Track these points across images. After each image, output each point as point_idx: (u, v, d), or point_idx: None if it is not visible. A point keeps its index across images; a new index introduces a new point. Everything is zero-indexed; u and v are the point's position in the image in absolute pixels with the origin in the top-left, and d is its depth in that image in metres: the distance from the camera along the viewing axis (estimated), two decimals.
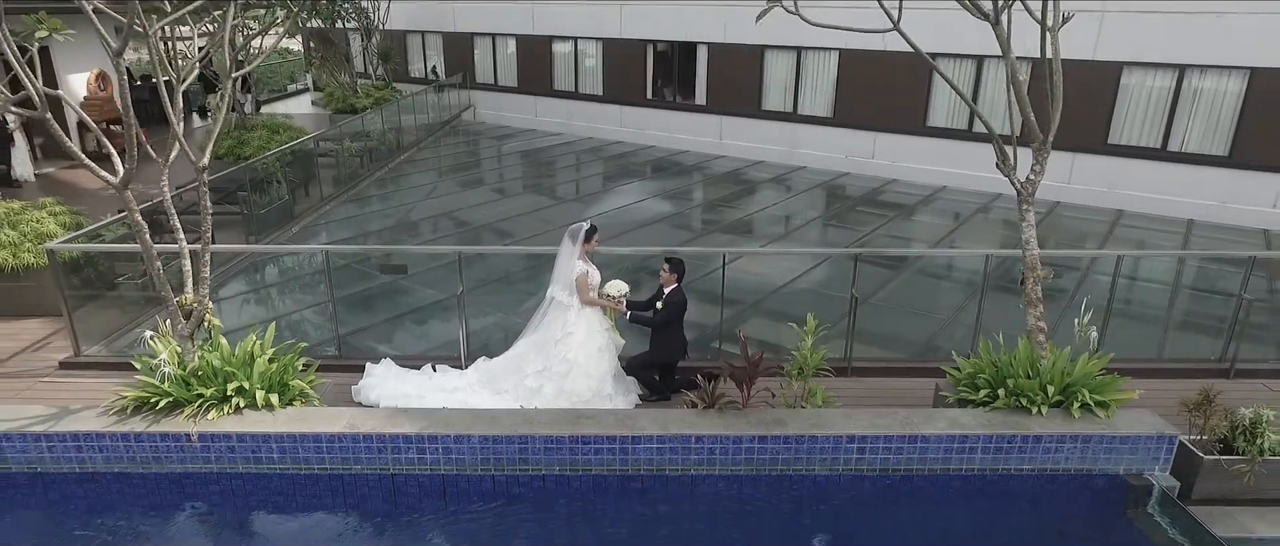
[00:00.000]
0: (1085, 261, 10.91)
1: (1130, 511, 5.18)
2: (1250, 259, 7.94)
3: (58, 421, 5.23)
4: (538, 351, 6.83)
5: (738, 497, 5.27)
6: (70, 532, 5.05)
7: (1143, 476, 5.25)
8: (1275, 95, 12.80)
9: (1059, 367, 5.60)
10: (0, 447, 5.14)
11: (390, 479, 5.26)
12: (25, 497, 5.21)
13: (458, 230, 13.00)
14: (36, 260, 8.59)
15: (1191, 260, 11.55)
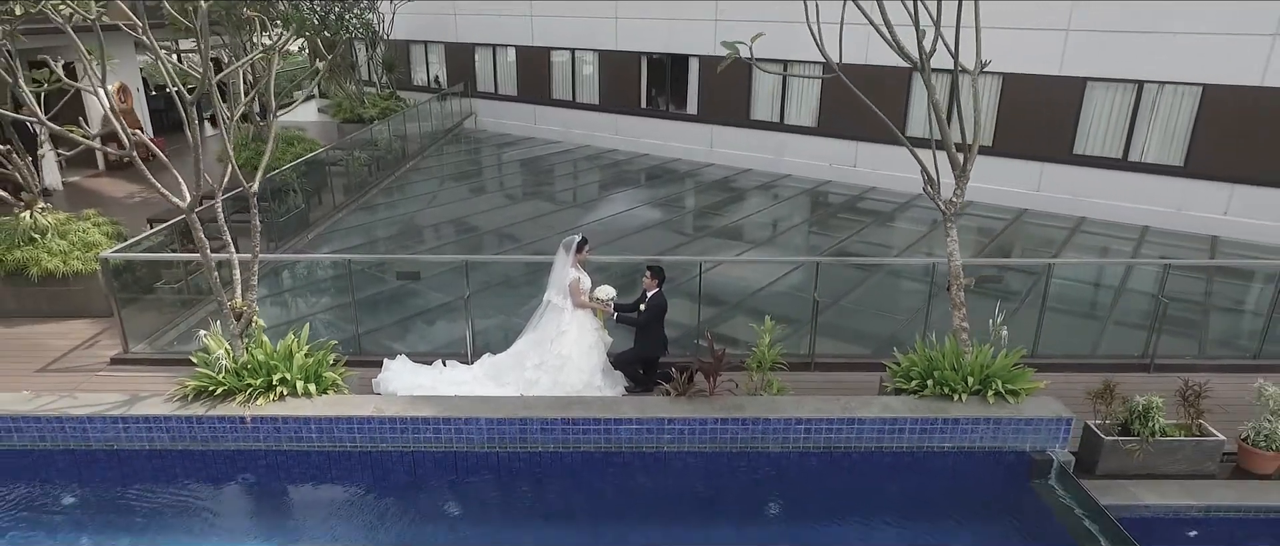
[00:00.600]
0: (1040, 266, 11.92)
1: (1033, 483, 6.19)
2: (1166, 266, 8.96)
3: (131, 406, 6.25)
4: (535, 348, 7.83)
5: (704, 471, 6.29)
6: (142, 500, 6.06)
7: (1045, 453, 6.27)
8: (1225, 109, 13.80)
9: (979, 361, 6.61)
10: (84, 428, 6.17)
11: (411, 455, 6.28)
12: (104, 470, 6.23)
13: (463, 236, 14.01)
14: (83, 267, 9.61)
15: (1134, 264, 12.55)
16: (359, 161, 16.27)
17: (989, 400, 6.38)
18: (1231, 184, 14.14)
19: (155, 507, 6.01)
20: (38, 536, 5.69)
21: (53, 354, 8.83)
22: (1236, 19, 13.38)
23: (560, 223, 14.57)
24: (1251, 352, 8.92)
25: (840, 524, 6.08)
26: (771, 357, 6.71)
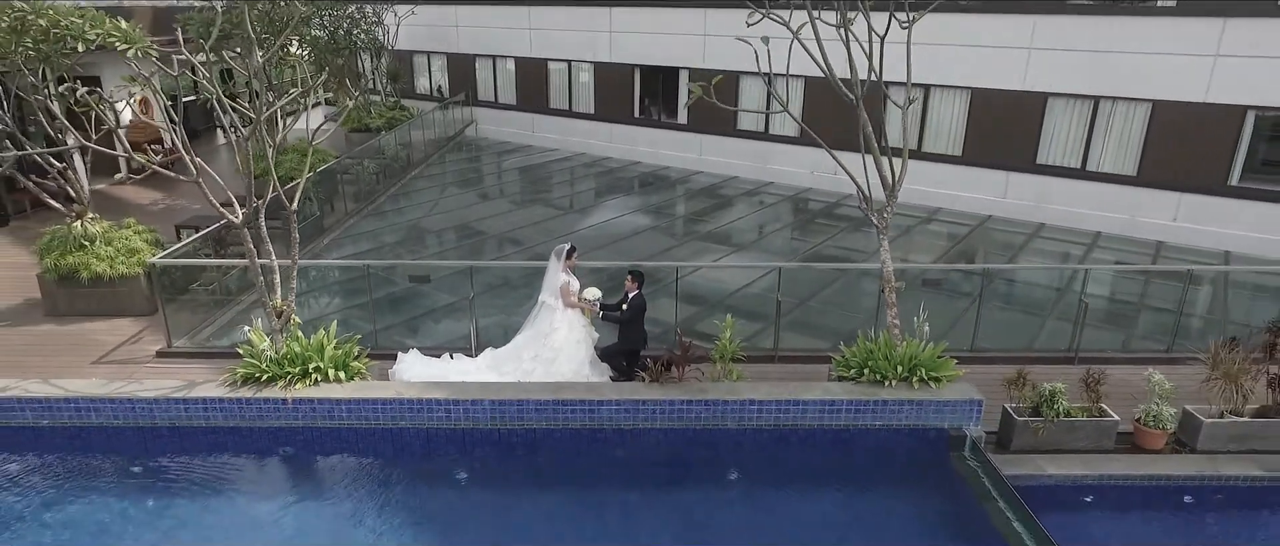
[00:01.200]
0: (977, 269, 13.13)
1: (951, 455, 7.40)
2: (1085, 271, 10.18)
3: (190, 390, 7.47)
4: (531, 343, 9.03)
5: (674, 444, 7.50)
6: (200, 468, 7.28)
7: (961, 430, 7.47)
8: (1174, 124, 15.00)
9: (909, 353, 7.83)
10: (152, 409, 7.38)
11: (426, 431, 7.49)
12: (166, 444, 7.44)
13: (467, 240, 15.23)
14: (127, 271, 10.83)
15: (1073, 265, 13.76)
16: (368, 170, 17.47)
17: (914, 385, 7.59)
18: (1179, 193, 15.33)
19: (211, 475, 7.22)
20: (115, 499, 6.90)
21: (104, 348, 10.04)
22: (1182, 41, 14.59)
23: (558, 227, 15.81)
24: (1165, 346, 10.13)
25: (786, 488, 7.29)
26: (732, 350, 7.92)
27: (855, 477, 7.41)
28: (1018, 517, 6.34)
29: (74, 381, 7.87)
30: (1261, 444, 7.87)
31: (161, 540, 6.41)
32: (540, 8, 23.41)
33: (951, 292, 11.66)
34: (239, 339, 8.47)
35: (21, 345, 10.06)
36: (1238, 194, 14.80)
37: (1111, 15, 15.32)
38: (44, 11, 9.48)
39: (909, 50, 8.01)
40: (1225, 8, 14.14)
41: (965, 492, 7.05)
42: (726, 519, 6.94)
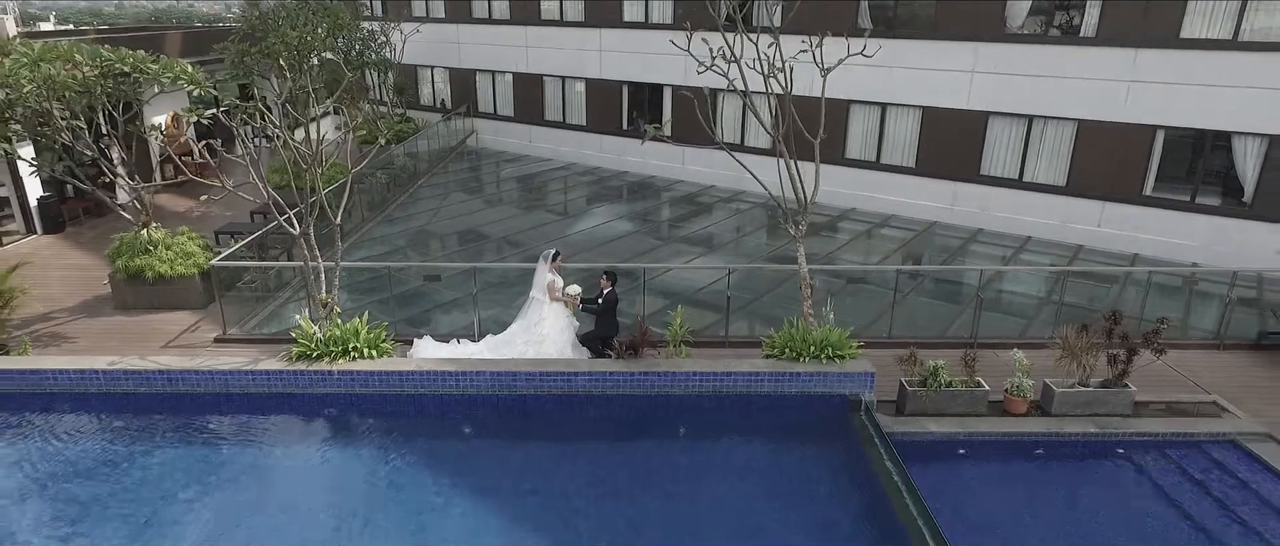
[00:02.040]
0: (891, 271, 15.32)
1: (849, 415, 9.59)
2: (980, 272, 12.37)
3: (256, 364, 9.68)
4: (523, 331, 11.21)
5: (634, 406, 9.70)
6: (268, 424, 9.49)
7: (858, 396, 9.66)
8: (1096, 140, 17.18)
9: (821, 336, 10.02)
10: (227, 378, 9.59)
11: (439, 397, 9.69)
12: (240, 405, 9.65)
13: (471, 243, 17.44)
14: (185, 271, 13.04)
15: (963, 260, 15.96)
16: (380, 180, 19.67)
17: (823, 361, 9.78)
18: (1102, 201, 17.53)
19: (275, 426, 9.44)
20: (202, 446, 9.10)
21: (168, 335, 12.25)
22: (1102, 68, 16.78)
23: (551, 232, 18.02)
24: (1049, 333, 12.31)
25: (721, 439, 9.49)
26: (682, 335, 10.12)
27: (776, 431, 9.60)
28: (889, 458, 8.52)
29: (164, 357, 10.09)
30: (1101, 408, 10.06)
31: (244, 472, 8.62)
32: (536, 27, 25.65)
33: (881, 288, 13.85)
34: (286, 325, 10.68)
35: (101, 332, 12.27)
36: (1150, 202, 17.00)
37: (1043, 44, 17.51)
38: (125, 58, 11.69)
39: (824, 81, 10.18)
40: (1137, 40, 16.33)
41: (857, 442, 9.24)
42: (674, 461, 9.14)
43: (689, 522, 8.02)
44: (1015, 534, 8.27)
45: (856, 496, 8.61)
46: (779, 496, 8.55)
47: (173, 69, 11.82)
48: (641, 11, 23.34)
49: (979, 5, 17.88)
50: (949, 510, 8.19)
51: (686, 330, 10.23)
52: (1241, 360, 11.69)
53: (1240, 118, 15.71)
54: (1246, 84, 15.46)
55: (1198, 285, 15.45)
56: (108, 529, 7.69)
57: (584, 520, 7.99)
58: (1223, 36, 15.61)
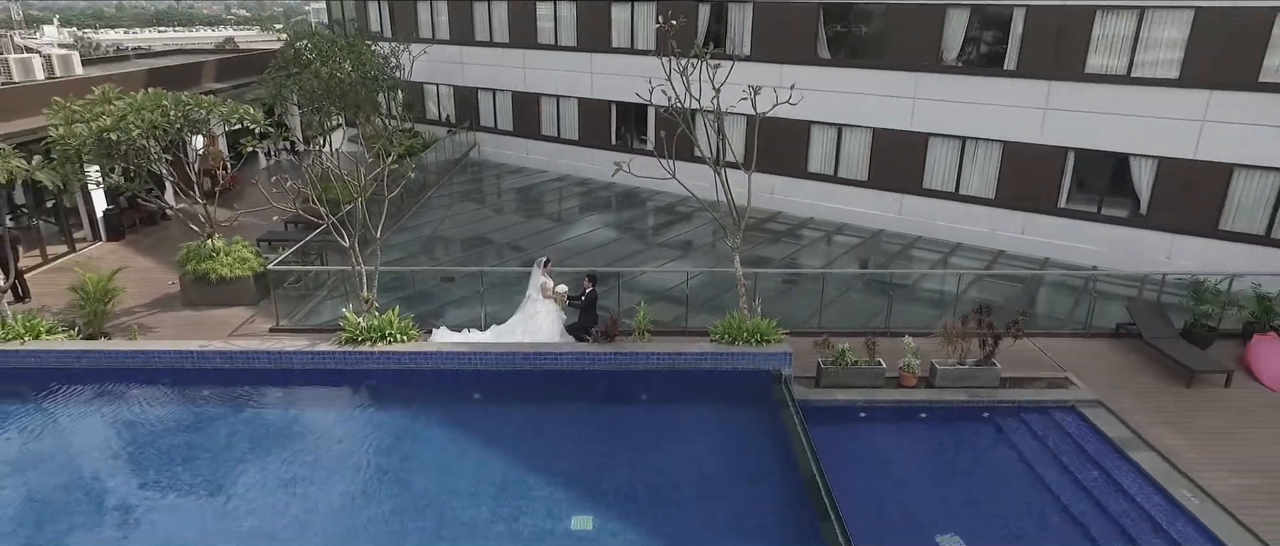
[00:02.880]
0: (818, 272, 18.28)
1: (772, 385, 12.57)
2: (891, 274, 15.35)
3: (315, 345, 12.67)
4: (521, 322, 14.18)
5: (607, 378, 12.69)
6: (323, 391, 12.49)
7: (779, 371, 12.64)
8: (1018, 159, 20.11)
9: (754, 324, 13.00)
10: (291, 358, 12.58)
11: (455, 372, 12.68)
12: (301, 378, 12.65)
13: (476, 248, 20.40)
14: (241, 273, 16.01)
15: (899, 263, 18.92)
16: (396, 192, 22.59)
17: (753, 344, 12.76)
18: (1024, 212, 20.48)
19: (329, 394, 12.43)
20: (275, 408, 12.09)
21: (230, 326, 15.22)
22: (1022, 96, 19.73)
23: (547, 237, 21.00)
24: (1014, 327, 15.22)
25: (673, 403, 12.47)
26: (645, 324, 13.11)
27: (716, 397, 12.57)
28: (796, 416, 11.47)
29: (237, 341, 13.09)
30: (973, 382, 13.02)
31: (306, 425, 11.61)
32: (533, 51, 28.66)
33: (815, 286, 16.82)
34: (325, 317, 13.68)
35: (177, 322, 15.27)
36: (1064, 214, 19.97)
37: (972, 75, 20.46)
38: (203, 104, 14.68)
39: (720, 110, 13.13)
40: (1050, 73, 19.29)
41: (775, 406, 12.21)
42: (635, 418, 12.14)
43: (646, 459, 10.99)
44: (891, 469, 11.24)
45: (770, 441, 11.57)
46: (715, 442, 11.54)
47: (237, 111, 14.80)
48: (628, 38, 26.32)
49: (920, 41, 20.84)
50: (843, 453, 11.17)
51: (651, 321, 13.22)
52: (1099, 346, 14.67)
53: (1135, 142, 18.68)
54: (1139, 113, 18.43)
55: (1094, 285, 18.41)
56: (209, 465, 10.67)
57: (566, 460, 10.96)
58: (1119, 73, 18.58)
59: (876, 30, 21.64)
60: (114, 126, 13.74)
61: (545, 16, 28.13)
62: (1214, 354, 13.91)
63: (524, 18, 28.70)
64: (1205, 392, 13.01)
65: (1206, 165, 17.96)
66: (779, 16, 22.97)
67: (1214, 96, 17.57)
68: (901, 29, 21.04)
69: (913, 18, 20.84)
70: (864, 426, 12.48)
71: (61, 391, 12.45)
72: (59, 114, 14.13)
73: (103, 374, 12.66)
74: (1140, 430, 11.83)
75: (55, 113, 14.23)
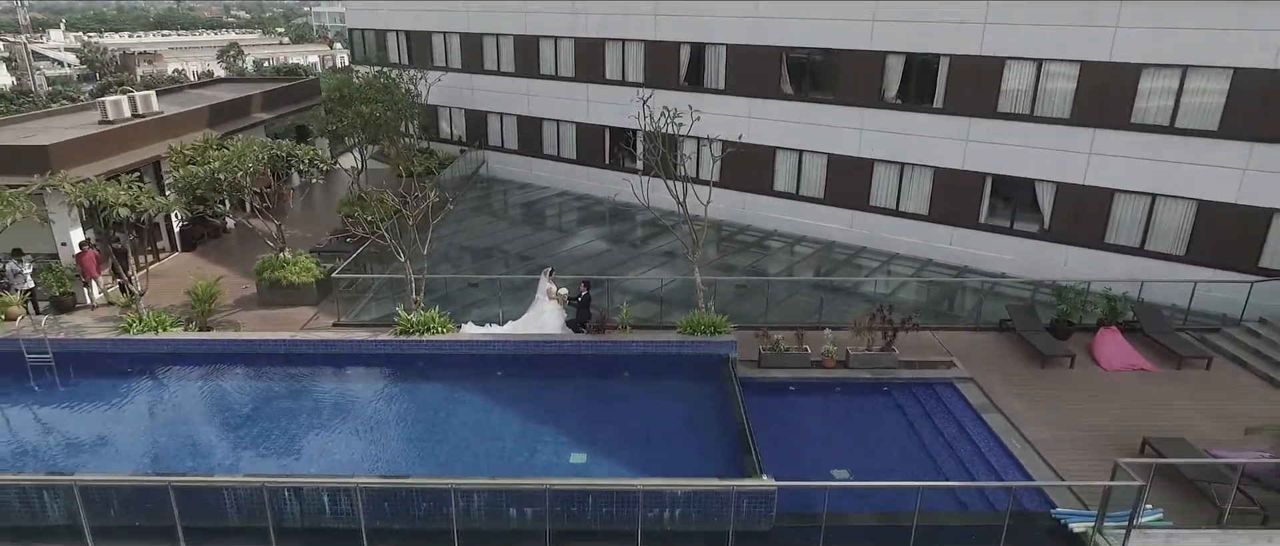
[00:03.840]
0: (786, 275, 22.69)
1: (721, 366, 16.97)
2: (827, 278, 19.76)
3: (377, 334, 17.08)
4: (532, 320, 18.58)
5: (597, 361, 17.11)
6: (383, 370, 16.89)
7: (727, 356, 17.05)
8: (947, 182, 24.50)
9: (709, 319, 17.40)
10: (363, 346, 16.99)
11: (482, 356, 17.10)
12: (369, 360, 17.04)
13: (492, 256, 24.77)
14: (305, 279, 20.39)
15: (846, 271, 23.31)
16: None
17: (708, 335, 17.16)
18: (952, 226, 24.88)
19: (390, 371, 16.84)
20: (347, 383, 16.48)
21: (299, 322, 19.60)
22: (948, 129, 24.10)
23: (551, 247, 25.39)
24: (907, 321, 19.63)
25: (649, 377, 16.89)
26: (627, 320, 17.52)
27: (679, 374, 16.96)
28: (737, 388, 15.82)
29: (318, 332, 17.50)
30: (877, 364, 17.40)
31: (371, 394, 16.01)
32: (537, 80, 33.07)
33: (773, 295, 21.19)
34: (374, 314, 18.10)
35: (257, 319, 19.65)
36: (984, 228, 24.35)
37: (909, 111, 24.83)
38: (283, 147, 19.06)
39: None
40: (970, 111, 23.65)
41: (723, 381, 16.60)
42: (618, 389, 16.55)
43: (625, 418, 15.39)
44: (808, 426, 15.63)
45: (716, 406, 15.94)
46: (676, 406, 15.95)
47: (310, 152, 19.19)
48: (619, 72, 30.72)
49: (865, 81, 25.22)
50: (774, 416, 15.54)
51: (632, 318, 17.61)
52: (983, 338, 19.07)
53: (1039, 169, 23.05)
54: (1041, 146, 22.80)
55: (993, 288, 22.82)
56: (308, 418, 15.05)
57: (564, 419, 15.34)
58: (1025, 112, 22.95)
59: (829, 71, 26.04)
60: (223, 168, 18.16)
61: (547, 50, 32.55)
62: (1068, 343, 18.30)
63: (528, 51, 33.12)
64: (1053, 372, 17.41)
65: (1094, 189, 22.35)
66: (748, 58, 27.38)
67: (1098, 134, 21.96)
68: (850, 71, 25.45)
69: (859, 61, 25.24)
70: (792, 397, 16.86)
71: (188, 369, 16.90)
72: (176, 157, 18.53)
73: (218, 357, 17.10)
74: (995, 399, 16.22)
75: (174, 155, 18.63)
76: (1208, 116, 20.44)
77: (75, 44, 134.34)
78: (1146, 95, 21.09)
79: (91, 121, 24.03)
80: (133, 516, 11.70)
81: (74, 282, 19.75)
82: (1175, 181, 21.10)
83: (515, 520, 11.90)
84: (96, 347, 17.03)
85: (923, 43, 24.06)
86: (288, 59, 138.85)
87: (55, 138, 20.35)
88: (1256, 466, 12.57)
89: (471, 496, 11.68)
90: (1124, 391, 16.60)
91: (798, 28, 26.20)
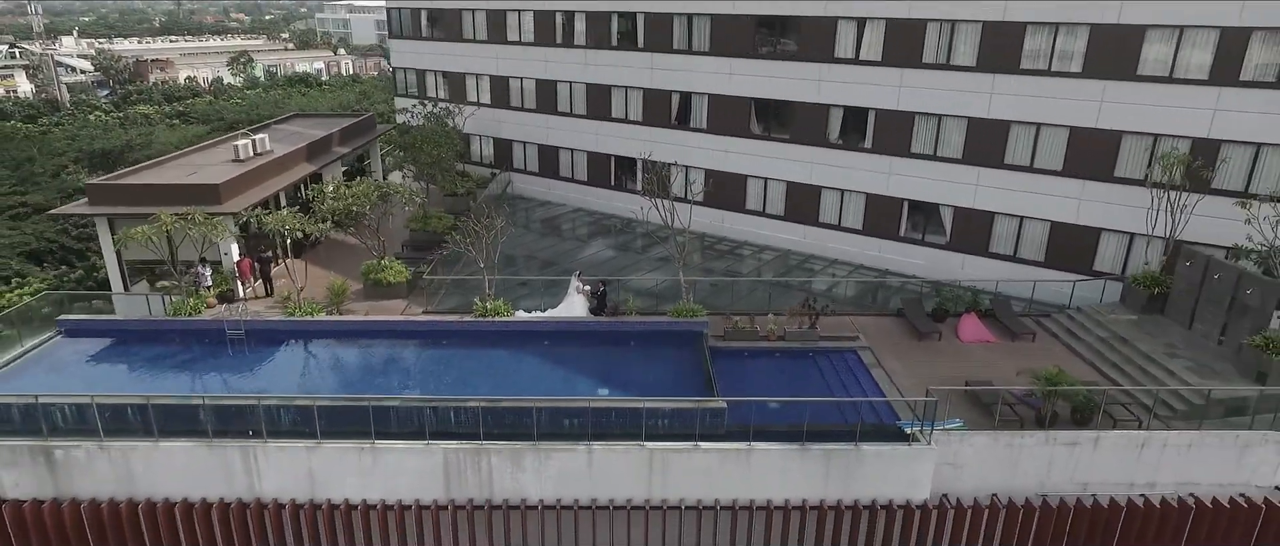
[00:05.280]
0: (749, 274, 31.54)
1: (696, 339, 25.71)
2: (782, 278, 28.59)
3: (462, 318, 25.82)
4: (566, 307, 27.34)
5: (613, 335, 25.85)
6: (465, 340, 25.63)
7: (700, 331, 25.80)
8: (875, 205, 33.31)
9: (689, 308, 26.19)
10: (448, 325, 25.70)
11: (535, 332, 25.84)
12: (457, 335, 25.76)
13: (526, 260, 33.47)
14: (399, 279, 29.10)
15: (799, 274, 32.10)
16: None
17: (688, 317, 25.92)
18: (880, 239, 33.70)
19: (468, 341, 25.56)
20: (441, 349, 25.17)
21: (398, 310, 28.29)
22: (875, 163, 32.89)
23: (572, 254, 34.13)
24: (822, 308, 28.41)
25: (648, 347, 25.63)
26: (633, 308, 26.29)
27: (669, 344, 25.69)
28: (708, 354, 24.49)
29: (414, 316, 26.22)
30: (805, 338, 26.16)
31: (456, 356, 24.72)
32: (554, 116, 41.85)
33: (738, 292, 29.91)
34: (450, 303, 26.84)
35: (367, 308, 28.34)
36: (902, 240, 33.18)
37: (844, 150, 33.61)
38: (396, 187, 27.70)
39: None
40: (891, 150, 32.44)
41: (697, 348, 25.32)
42: (625, 353, 25.31)
43: (631, 368, 24.13)
44: (755, 376, 24.35)
45: (693, 364, 24.61)
46: (666, 363, 24.69)
47: (404, 191, 27.85)
48: (623, 111, 39.47)
49: (814, 126, 33.99)
50: (734, 371, 24.24)
51: (637, 307, 26.37)
52: (884, 321, 27.87)
53: (942, 195, 31.86)
54: (943, 178, 31.60)
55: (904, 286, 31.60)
56: (418, 370, 23.73)
57: (592, 369, 24.05)
58: (929, 152, 31.75)
59: (786, 117, 34.79)
60: (354, 203, 26.85)
61: (563, 92, 41.33)
62: (941, 325, 27.06)
63: (547, 92, 41.89)
64: (926, 344, 26.19)
65: (980, 212, 31.16)
66: (724, 105, 36.16)
67: (982, 171, 30.76)
68: (802, 118, 34.22)
69: (809, 111, 34.02)
70: (744, 359, 25.59)
71: (333, 339, 25.57)
72: (320, 193, 27.22)
73: (353, 332, 25.79)
74: (882, 360, 24.95)
75: (318, 192, 27.30)
76: (1056, 160, 29.27)
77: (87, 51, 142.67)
78: (1014, 142, 29.93)
79: (224, 159, 32.66)
80: (337, 425, 20.19)
81: (232, 283, 28.39)
82: (1035, 206, 29.94)
83: (568, 426, 20.51)
84: (271, 325, 25.64)
85: (856, 99, 32.89)
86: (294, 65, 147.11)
87: (221, 177, 28.96)
88: (1015, 392, 21.36)
89: (542, 411, 20.28)
90: (970, 356, 25.38)
91: (762, 84, 35.00)
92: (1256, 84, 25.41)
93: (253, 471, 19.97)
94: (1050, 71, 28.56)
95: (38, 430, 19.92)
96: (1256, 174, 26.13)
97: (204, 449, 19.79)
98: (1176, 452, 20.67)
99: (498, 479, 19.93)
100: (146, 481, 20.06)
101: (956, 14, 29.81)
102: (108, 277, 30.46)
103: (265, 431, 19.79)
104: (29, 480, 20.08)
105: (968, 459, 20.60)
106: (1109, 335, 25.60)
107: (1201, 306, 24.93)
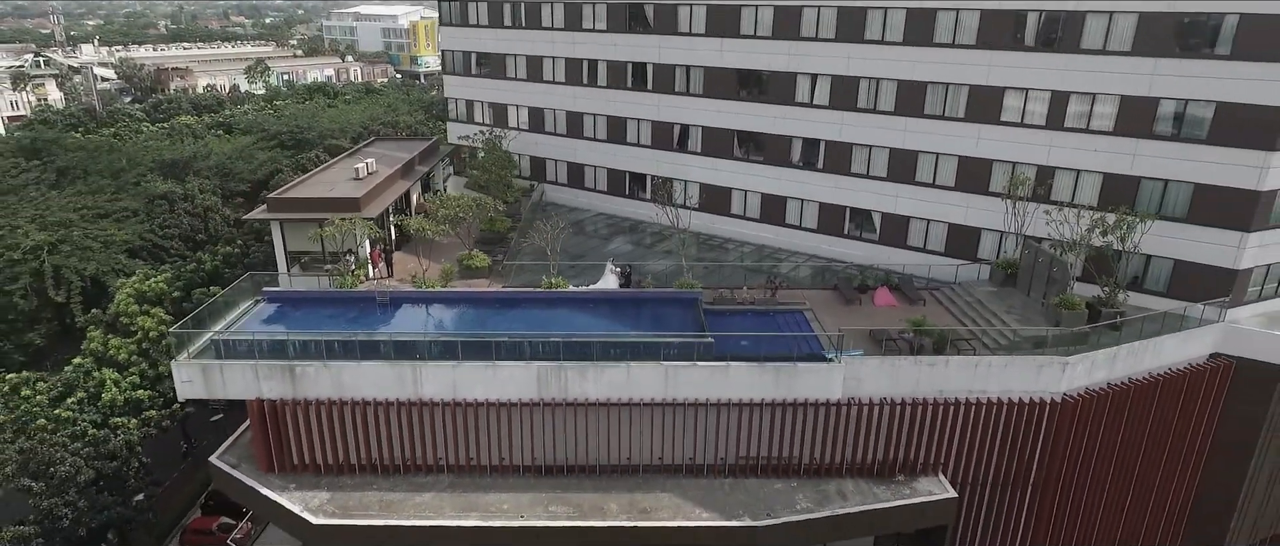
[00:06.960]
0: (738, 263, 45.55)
1: (694, 303, 39.59)
2: (756, 265, 42.64)
3: (535, 288, 39.69)
4: (602, 283, 41.18)
5: (636, 300, 39.74)
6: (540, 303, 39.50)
7: (697, 299, 39.70)
8: (827, 210, 47.36)
9: (689, 283, 40.13)
10: (529, 294, 39.50)
11: (584, 299, 39.70)
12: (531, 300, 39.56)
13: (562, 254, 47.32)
14: (485, 264, 42.93)
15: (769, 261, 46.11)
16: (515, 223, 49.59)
17: (689, 289, 39.83)
18: (831, 236, 47.72)
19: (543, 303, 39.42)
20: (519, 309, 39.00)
21: (486, 285, 42.06)
22: (826, 180, 46.91)
23: (599, 249, 47.99)
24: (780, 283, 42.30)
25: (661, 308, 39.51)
26: (650, 284, 40.17)
27: (674, 306, 39.51)
28: (702, 311, 38.32)
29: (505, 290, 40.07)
30: (768, 303, 40.09)
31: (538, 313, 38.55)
32: (580, 140, 55.80)
33: (723, 273, 43.80)
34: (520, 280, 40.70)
35: (464, 283, 42.13)
36: (848, 236, 47.27)
37: (803, 169, 47.61)
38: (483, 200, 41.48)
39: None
40: (840, 169, 46.49)
41: (695, 309, 39.18)
42: (647, 311, 39.23)
43: (649, 321, 37.96)
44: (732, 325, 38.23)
45: (691, 318, 38.36)
46: (673, 319, 38.53)
47: (487, 203, 41.52)
48: (636, 137, 53.44)
49: (780, 151, 47.98)
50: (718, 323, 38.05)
51: (651, 283, 40.21)
52: (825, 293, 41.94)
53: (874, 203, 45.97)
54: (873, 191, 45.67)
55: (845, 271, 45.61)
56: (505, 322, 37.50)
57: (626, 320, 37.84)
58: (863, 172, 45.81)
59: (760, 143, 48.72)
60: (462, 211, 40.58)
61: (588, 121, 55.28)
62: (863, 295, 41.02)
63: (574, 120, 55.85)
64: (851, 307, 40.21)
65: (901, 217, 45.23)
66: (714, 134, 50.16)
67: (902, 187, 44.80)
68: (772, 145, 48.27)
69: (776, 140, 48.07)
70: (729, 315, 39.43)
71: (449, 303, 39.31)
72: (435, 205, 41.00)
73: (460, 300, 39.51)
74: (820, 316, 38.88)
75: (431, 199, 41.05)
76: (950, 178, 43.37)
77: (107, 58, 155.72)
78: (922, 166, 44.04)
79: (346, 178, 46.35)
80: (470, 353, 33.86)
81: (364, 266, 42.14)
82: (937, 212, 44.00)
83: (613, 353, 34.19)
84: (404, 294, 39.31)
85: (811, 132, 46.95)
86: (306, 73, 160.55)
87: (358, 192, 42.69)
88: (896, 334, 35.36)
89: (597, 344, 34.03)
90: (880, 315, 39.36)
91: (742, 119, 49.04)
92: (1074, 129, 39.46)
93: (418, 382, 33.78)
94: (944, 116, 42.59)
95: (284, 355, 33.70)
96: (1078, 190, 40.19)
97: (388, 367, 33.60)
98: (998, 369, 34.69)
99: (571, 385, 33.81)
100: (352, 388, 33.85)
101: (880, 72, 43.81)
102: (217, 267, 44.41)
103: (426, 356, 33.63)
104: (280, 387, 33.85)
105: (866, 374, 34.56)
106: (974, 300, 39.68)
107: (1033, 280, 39.00)
